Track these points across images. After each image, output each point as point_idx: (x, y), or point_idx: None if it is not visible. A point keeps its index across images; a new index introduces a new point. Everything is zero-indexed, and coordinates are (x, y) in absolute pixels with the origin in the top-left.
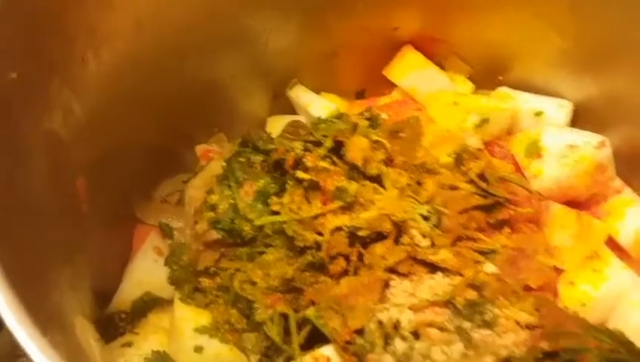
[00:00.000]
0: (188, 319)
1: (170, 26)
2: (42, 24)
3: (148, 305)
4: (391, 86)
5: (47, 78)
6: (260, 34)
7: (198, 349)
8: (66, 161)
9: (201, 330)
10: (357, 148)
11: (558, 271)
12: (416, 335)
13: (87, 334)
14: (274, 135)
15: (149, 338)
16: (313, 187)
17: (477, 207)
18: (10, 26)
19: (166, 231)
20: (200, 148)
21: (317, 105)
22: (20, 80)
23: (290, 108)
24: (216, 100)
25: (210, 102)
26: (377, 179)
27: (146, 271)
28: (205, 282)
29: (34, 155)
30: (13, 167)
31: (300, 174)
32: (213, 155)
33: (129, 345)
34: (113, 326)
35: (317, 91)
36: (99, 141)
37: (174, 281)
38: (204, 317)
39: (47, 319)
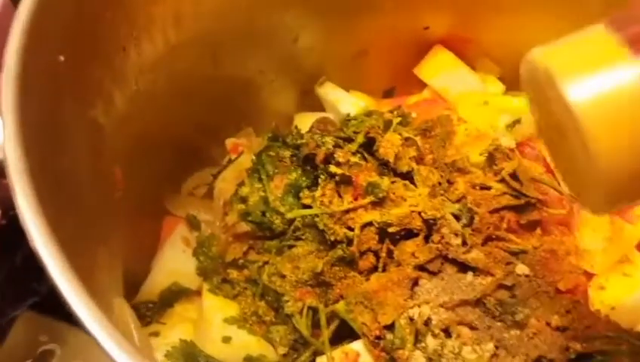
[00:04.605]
0: (216, 309)
1: (206, 20)
2: (87, 9)
3: (175, 295)
4: (419, 85)
5: (91, 66)
6: (291, 30)
7: (226, 339)
8: (105, 149)
9: (229, 321)
10: (390, 145)
11: (589, 275)
12: (447, 333)
13: (126, 316)
14: (302, 131)
15: (175, 328)
16: (345, 181)
17: (508, 207)
18: (61, 8)
19: (193, 224)
20: (230, 142)
21: (346, 102)
22: (67, 65)
23: (317, 106)
24: (246, 96)
25: (240, 98)
26: (408, 176)
27: (175, 262)
28: (233, 274)
29: (77, 143)
30: (59, 154)
31: (333, 168)
32: (243, 149)
33: (156, 334)
34: (140, 315)
35: (345, 89)
36: (135, 132)
37: (202, 272)
38: (232, 308)
39: (99, 300)
